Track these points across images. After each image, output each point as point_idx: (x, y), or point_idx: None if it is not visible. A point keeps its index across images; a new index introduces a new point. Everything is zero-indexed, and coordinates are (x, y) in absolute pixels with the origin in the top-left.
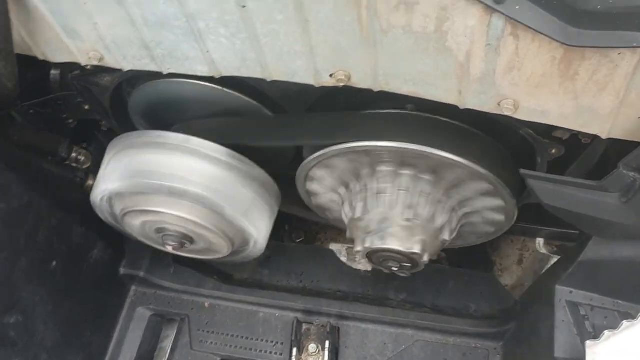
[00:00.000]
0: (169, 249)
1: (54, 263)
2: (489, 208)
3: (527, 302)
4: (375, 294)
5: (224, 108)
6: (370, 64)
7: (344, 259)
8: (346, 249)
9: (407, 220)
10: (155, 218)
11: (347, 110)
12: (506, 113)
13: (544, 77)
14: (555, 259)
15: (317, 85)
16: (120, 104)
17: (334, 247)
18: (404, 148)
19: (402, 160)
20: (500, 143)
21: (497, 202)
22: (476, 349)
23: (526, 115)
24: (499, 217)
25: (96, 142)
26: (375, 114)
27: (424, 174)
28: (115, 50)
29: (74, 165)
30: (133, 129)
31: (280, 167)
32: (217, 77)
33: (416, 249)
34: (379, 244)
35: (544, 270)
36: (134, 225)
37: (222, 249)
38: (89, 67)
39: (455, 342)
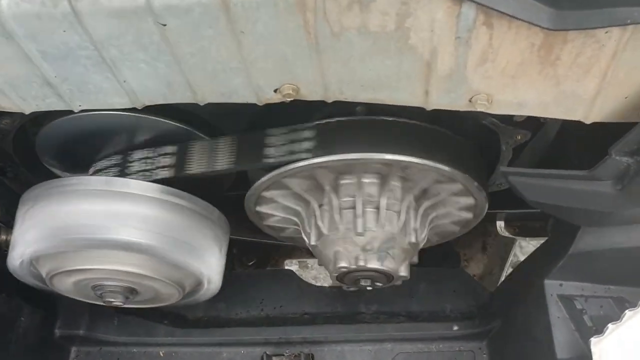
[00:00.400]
0: (111, 304)
1: None
2: (460, 208)
3: (508, 297)
4: (345, 311)
5: (150, 136)
6: (320, 73)
7: (294, 267)
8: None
9: (382, 234)
10: (89, 275)
11: (296, 122)
12: (479, 109)
13: (522, 65)
14: (519, 242)
15: (260, 104)
16: (25, 146)
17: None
18: (372, 158)
19: (368, 170)
20: (461, 135)
21: (469, 200)
22: (461, 352)
23: (501, 109)
24: (468, 216)
25: (3, 187)
26: (329, 123)
27: (393, 181)
28: (11, 93)
29: None
30: (45, 172)
31: (220, 192)
32: (140, 107)
33: (394, 264)
34: (355, 265)
35: (510, 257)
36: (66, 286)
37: (171, 296)
38: None
39: (438, 348)
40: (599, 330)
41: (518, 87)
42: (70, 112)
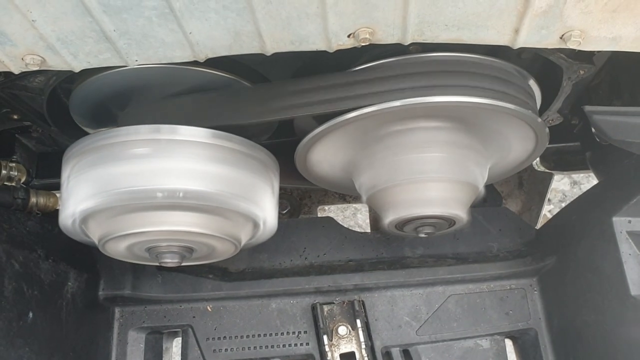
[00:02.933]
0: (167, 264)
1: (31, 314)
2: (521, 144)
3: (564, 234)
4: (391, 256)
5: (191, 87)
6: (403, 14)
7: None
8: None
9: (440, 179)
10: (144, 238)
11: (340, 69)
12: (571, 46)
13: None
14: (557, 176)
15: (331, 50)
16: (57, 106)
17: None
18: (439, 102)
19: (423, 114)
20: (523, 69)
21: (530, 137)
22: (512, 290)
23: (593, 45)
24: (529, 151)
25: (22, 149)
26: (382, 65)
27: (450, 124)
28: (62, 50)
29: (7, 184)
30: (78, 132)
31: (260, 140)
32: (202, 60)
33: (455, 209)
34: (416, 213)
35: (548, 192)
36: (119, 250)
37: (228, 251)
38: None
39: (489, 287)
40: None
41: (616, 22)
42: (106, 68)
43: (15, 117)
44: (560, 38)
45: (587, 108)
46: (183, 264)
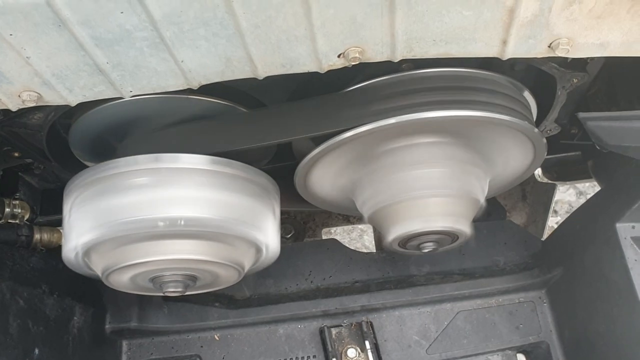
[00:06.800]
0: (172, 294)
1: (37, 351)
2: (519, 157)
3: (569, 244)
4: (397, 275)
5: (189, 115)
6: (390, 32)
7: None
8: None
9: (442, 195)
10: (147, 268)
11: (334, 90)
12: (560, 54)
13: (611, 4)
14: (561, 187)
15: (322, 71)
16: (57, 141)
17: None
18: (442, 117)
19: (420, 130)
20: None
21: (528, 149)
22: (521, 304)
23: (582, 52)
24: (527, 164)
25: (26, 186)
26: (376, 84)
27: (448, 139)
28: (58, 85)
29: (11, 222)
30: (79, 167)
31: (260, 165)
32: (196, 87)
33: (458, 224)
34: (419, 229)
35: (552, 203)
36: (122, 282)
37: (231, 277)
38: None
39: (497, 302)
40: None
41: (602, 28)
42: (104, 101)
43: (17, 154)
44: (549, 47)
45: (580, 115)
46: (187, 292)
